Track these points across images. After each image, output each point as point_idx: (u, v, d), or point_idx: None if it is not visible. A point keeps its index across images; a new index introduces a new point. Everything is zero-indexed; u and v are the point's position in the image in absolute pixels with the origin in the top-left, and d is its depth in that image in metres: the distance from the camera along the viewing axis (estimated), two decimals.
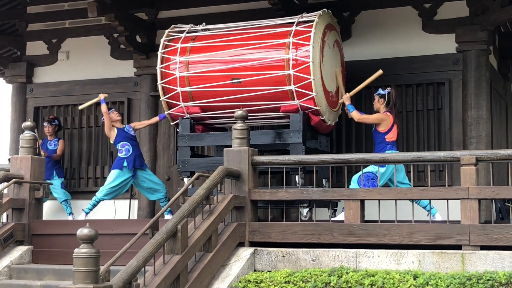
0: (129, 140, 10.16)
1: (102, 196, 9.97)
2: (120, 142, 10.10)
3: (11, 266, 8.45)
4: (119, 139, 10.12)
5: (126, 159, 10.01)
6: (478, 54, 9.87)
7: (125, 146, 10.07)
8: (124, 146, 10.08)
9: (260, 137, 9.00)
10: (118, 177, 9.99)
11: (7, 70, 12.42)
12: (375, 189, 7.73)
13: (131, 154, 10.06)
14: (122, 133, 10.16)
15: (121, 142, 10.10)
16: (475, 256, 6.95)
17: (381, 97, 8.98)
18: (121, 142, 10.10)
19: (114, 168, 10.06)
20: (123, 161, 10.02)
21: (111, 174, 10.05)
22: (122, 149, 10.06)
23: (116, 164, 10.08)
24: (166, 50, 9.50)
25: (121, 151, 10.07)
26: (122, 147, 10.07)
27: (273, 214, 8.83)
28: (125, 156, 10.03)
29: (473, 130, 9.73)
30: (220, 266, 7.26)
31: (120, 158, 10.05)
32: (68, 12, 12.00)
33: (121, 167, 10.00)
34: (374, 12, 10.47)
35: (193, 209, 6.94)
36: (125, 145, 10.09)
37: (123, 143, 10.10)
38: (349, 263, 7.28)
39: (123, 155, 10.04)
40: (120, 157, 10.06)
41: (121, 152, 10.07)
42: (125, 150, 10.05)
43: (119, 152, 10.08)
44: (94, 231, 5.57)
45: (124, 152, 10.05)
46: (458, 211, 7.29)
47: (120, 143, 10.10)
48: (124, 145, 10.09)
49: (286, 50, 8.95)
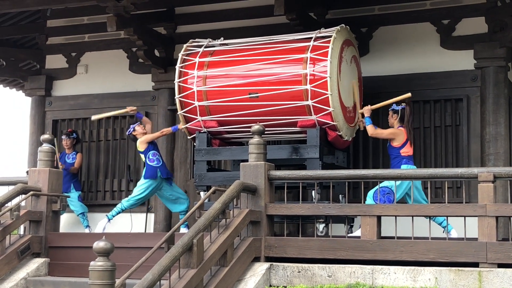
0: (158, 149, 10.22)
1: (128, 205, 9.96)
2: (151, 151, 10.08)
3: (28, 278, 8.48)
4: (151, 148, 10.12)
5: (159, 168, 10.02)
6: (497, 71, 9.83)
7: (156, 156, 10.07)
8: (155, 155, 10.06)
9: (276, 151, 9.00)
10: (150, 186, 9.96)
11: (27, 83, 12.52)
12: (392, 205, 7.70)
13: (162, 164, 10.09)
14: (151, 142, 10.19)
15: (152, 151, 10.09)
16: (492, 274, 6.89)
17: (395, 112, 9.04)
18: (152, 151, 10.09)
19: (148, 178, 9.97)
20: (156, 170, 9.97)
21: (143, 184, 9.97)
22: (154, 158, 10.03)
23: (149, 173, 9.97)
24: (184, 64, 9.54)
25: (152, 160, 10.01)
26: (153, 156, 10.04)
27: (289, 229, 8.80)
28: (157, 165, 10.01)
29: (491, 147, 9.68)
30: (236, 281, 7.24)
31: (153, 167, 9.97)
32: (88, 26, 12.11)
33: (155, 176, 9.96)
34: (392, 28, 10.47)
35: (209, 223, 6.94)
36: (156, 154, 10.09)
37: (154, 152, 10.09)
38: (365, 280, 7.24)
39: (155, 164, 10.00)
40: (152, 166, 9.97)
41: (152, 161, 10.01)
42: (156, 160, 10.05)
43: (150, 161, 10.00)
44: (110, 244, 5.59)
45: (155, 162, 10.02)
46: (475, 228, 7.24)
47: (151, 152, 10.06)
48: (155, 154, 10.07)
49: (304, 65, 8.96)
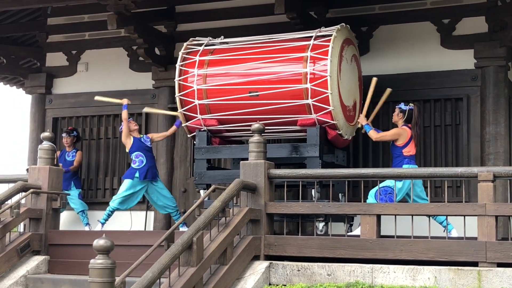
0: (144, 151, 10.16)
1: (115, 206, 9.97)
2: (134, 152, 10.10)
3: (28, 275, 8.49)
4: (134, 149, 10.12)
5: (138, 170, 10.01)
6: (497, 70, 9.83)
7: (139, 157, 10.08)
8: (138, 156, 10.08)
9: (276, 150, 9.00)
10: (130, 187, 9.99)
11: (27, 81, 12.52)
12: (392, 204, 7.71)
13: (144, 165, 10.05)
14: (138, 142, 10.17)
15: (136, 152, 10.10)
16: (492, 273, 6.90)
17: (401, 111, 8.98)
18: (136, 152, 10.10)
19: (126, 178, 10.06)
20: (135, 171, 10.01)
21: (123, 184, 10.06)
22: (136, 160, 10.07)
23: (128, 174, 10.07)
24: (184, 62, 9.54)
25: (134, 162, 10.06)
26: (136, 158, 10.07)
27: (288, 227, 8.81)
28: (138, 167, 10.03)
29: (491, 147, 9.69)
30: (235, 279, 7.25)
31: (133, 168, 10.05)
32: (88, 24, 12.10)
33: (132, 177, 9.99)
34: (392, 27, 10.47)
35: (208, 222, 6.94)
36: (139, 155, 10.09)
37: (137, 153, 10.10)
38: (365, 278, 7.25)
39: (136, 166, 10.04)
40: (133, 167, 10.05)
41: (134, 162, 10.06)
42: (139, 161, 10.06)
43: (133, 162, 10.07)
44: (110, 242, 5.59)
45: (137, 163, 10.04)
46: (474, 227, 7.25)
47: (135, 153, 10.09)
48: (138, 155, 10.09)
49: (304, 64, 8.96)
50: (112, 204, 10.00)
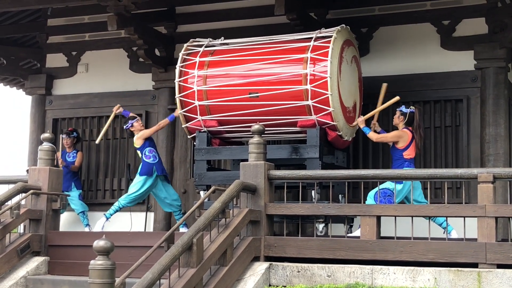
0: (154, 147, 10.22)
1: (125, 203, 9.95)
2: (147, 148, 10.07)
3: (28, 276, 8.49)
4: (147, 145, 10.10)
5: (155, 165, 10.02)
6: (497, 72, 9.84)
7: (153, 152, 10.08)
8: (152, 152, 10.07)
9: (276, 151, 9.01)
10: (146, 183, 9.95)
11: (27, 82, 12.53)
12: (392, 206, 7.71)
13: (158, 161, 10.09)
14: (149, 139, 10.17)
15: (148, 147, 10.09)
16: (492, 274, 6.90)
17: (402, 114, 8.98)
18: (148, 147, 10.09)
19: (143, 174, 9.96)
20: (152, 166, 9.98)
21: (139, 181, 9.96)
22: (150, 155, 10.02)
23: (145, 169, 9.98)
24: (184, 64, 9.55)
25: (148, 157, 10.01)
26: (150, 153, 10.03)
27: (288, 229, 8.81)
28: (153, 162, 10.02)
29: (491, 148, 9.69)
30: (235, 281, 7.25)
31: (149, 164, 9.98)
32: (88, 25, 12.11)
33: (151, 173, 9.96)
34: (392, 28, 10.47)
35: (208, 223, 6.95)
36: (152, 151, 10.09)
37: (150, 148, 10.09)
38: (365, 280, 7.25)
39: (151, 161, 10.00)
40: (148, 162, 9.98)
41: (148, 158, 10.00)
42: (153, 156, 10.05)
43: (147, 158, 10.00)
44: (110, 243, 5.60)
45: (151, 158, 10.02)
46: (474, 228, 7.25)
47: (148, 149, 10.05)
48: (151, 151, 10.07)
49: (304, 65, 8.97)
50: (122, 201, 9.95)
